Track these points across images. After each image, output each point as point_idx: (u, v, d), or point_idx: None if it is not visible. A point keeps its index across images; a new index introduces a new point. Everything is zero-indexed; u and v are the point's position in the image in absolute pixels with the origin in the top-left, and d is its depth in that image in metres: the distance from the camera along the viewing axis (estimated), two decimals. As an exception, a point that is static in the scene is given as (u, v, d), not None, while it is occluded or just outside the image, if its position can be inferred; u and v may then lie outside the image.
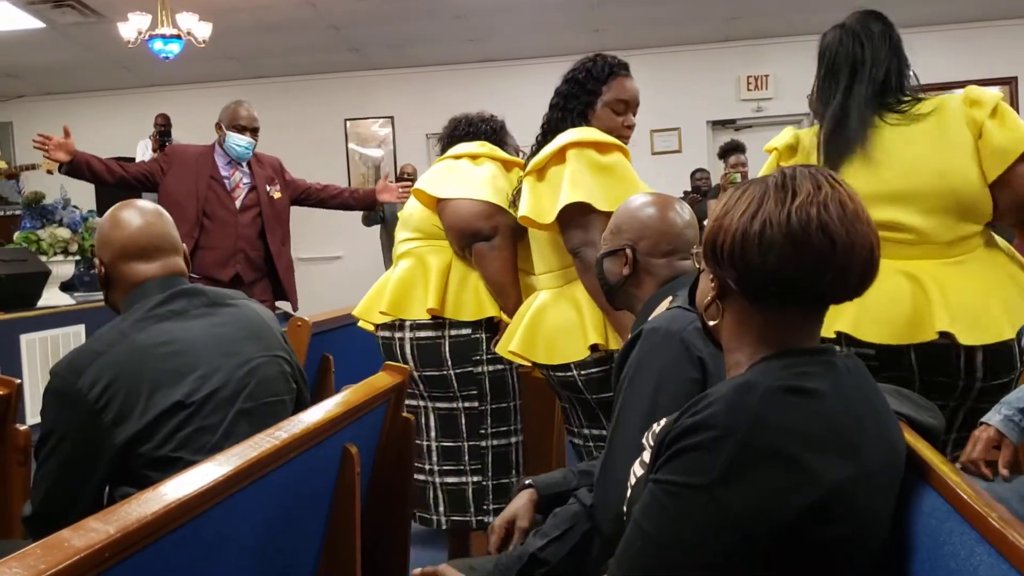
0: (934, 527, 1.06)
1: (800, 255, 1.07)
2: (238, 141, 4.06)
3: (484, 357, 2.63)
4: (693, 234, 1.85)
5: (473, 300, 2.64)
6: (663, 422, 1.26)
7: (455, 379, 2.66)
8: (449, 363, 2.63)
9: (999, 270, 1.94)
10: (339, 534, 1.69)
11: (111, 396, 1.60)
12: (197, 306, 1.78)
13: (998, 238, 2.04)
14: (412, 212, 2.81)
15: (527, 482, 1.68)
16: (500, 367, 2.64)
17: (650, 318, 1.69)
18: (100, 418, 1.60)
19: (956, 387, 1.88)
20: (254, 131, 4.11)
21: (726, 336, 1.19)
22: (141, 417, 1.60)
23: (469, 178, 2.65)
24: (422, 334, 2.67)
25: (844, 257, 1.08)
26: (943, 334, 1.83)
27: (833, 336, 1.90)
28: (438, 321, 2.66)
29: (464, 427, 2.70)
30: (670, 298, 1.73)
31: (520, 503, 1.79)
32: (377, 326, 2.78)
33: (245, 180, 4.13)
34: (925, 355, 1.87)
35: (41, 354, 4.64)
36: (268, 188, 4.16)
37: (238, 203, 4.09)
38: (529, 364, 2.42)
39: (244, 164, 4.12)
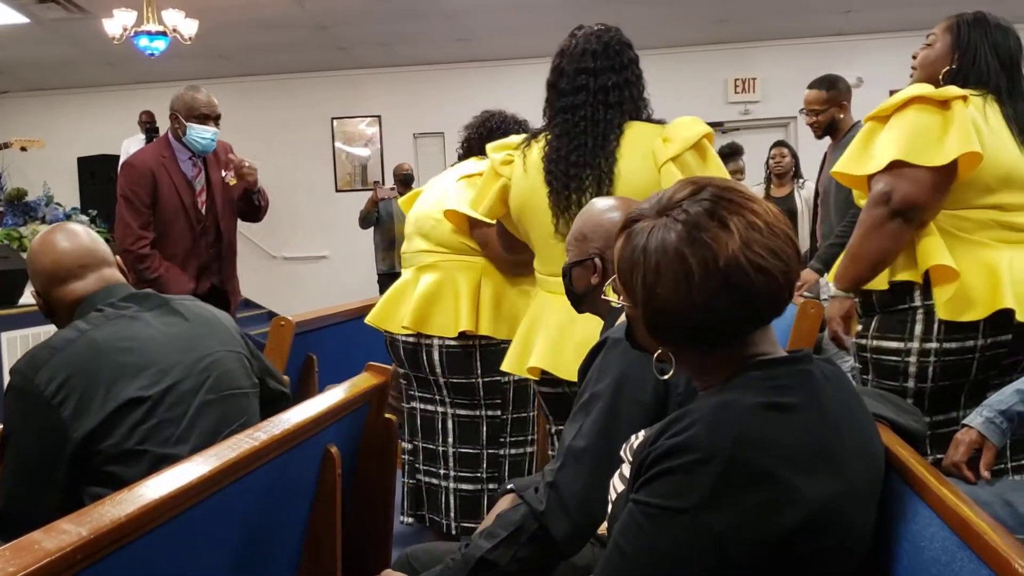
0: (916, 532, 1.05)
1: (750, 301, 1.06)
2: (202, 133, 3.51)
3: None
4: None
5: (507, 322, 2.60)
6: (641, 435, 1.25)
7: (482, 387, 2.66)
8: (479, 371, 2.62)
9: None
10: (320, 536, 1.68)
11: (69, 391, 1.61)
12: (149, 308, 1.79)
13: None
14: (434, 224, 2.74)
15: (509, 487, 1.67)
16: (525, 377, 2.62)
17: (616, 324, 1.68)
18: (58, 412, 1.60)
19: None
20: (217, 119, 3.56)
21: (689, 372, 1.18)
22: (100, 411, 1.61)
23: None
24: (452, 342, 2.65)
25: (784, 278, 1.08)
26: None
27: (980, 317, 2.02)
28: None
29: (484, 435, 2.71)
30: None
31: (503, 508, 1.78)
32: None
33: (203, 176, 3.62)
34: None
35: (22, 352, 4.59)
36: (224, 175, 3.66)
37: (204, 208, 3.61)
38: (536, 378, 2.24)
39: (200, 156, 3.61)
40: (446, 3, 7.15)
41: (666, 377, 1.18)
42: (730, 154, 6.66)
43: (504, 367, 2.34)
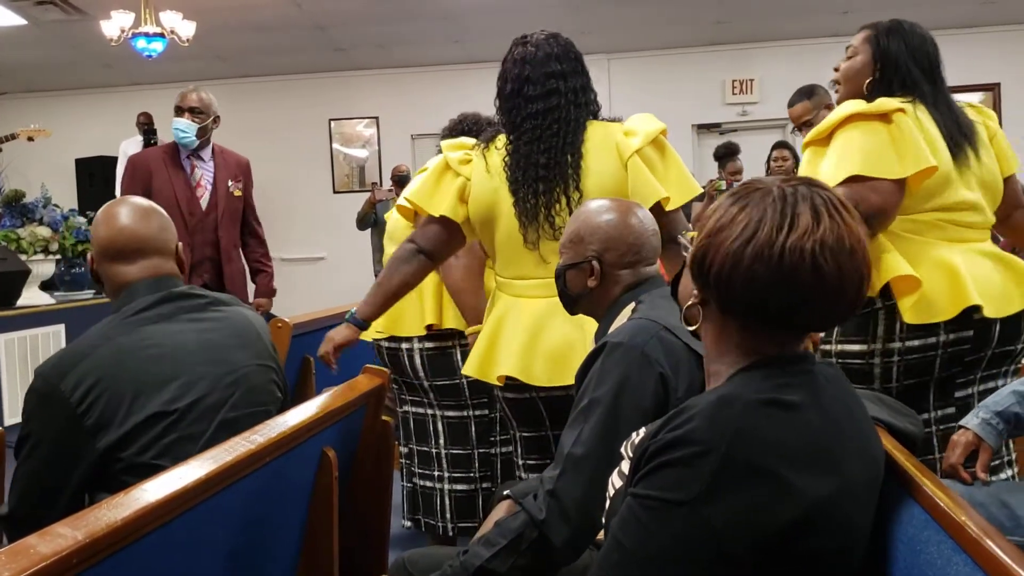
0: (912, 536, 1.05)
1: (785, 291, 1.06)
2: (176, 124, 3.71)
3: None
4: (657, 241, 1.80)
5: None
6: (642, 432, 1.24)
7: (467, 387, 2.65)
8: (462, 371, 2.60)
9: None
10: (317, 539, 1.68)
11: (94, 399, 1.58)
12: (187, 310, 1.75)
13: None
14: (396, 225, 2.77)
15: (505, 492, 1.66)
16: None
17: (612, 329, 1.67)
18: (81, 421, 1.58)
19: (1015, 352, 2.16)
20: (192, 111, 3.71)
21: (707, 343, 1.18)
22: (123, 423, 1.59)
23: None
24: (431, 344, 2.66)
25: (831, 296, 1.07)
26: None
27: (950, 317, 2.03)
28: (449, 330, 2.64)
29: (474, 434, 2.70)
30: (632, 304, 1.71)
31: (499, 515, 1.78)
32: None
33: (207, 177, 3.81)
34: (1007, 325, 2.08)
35: (20, 354, 4.59)
36: (229, 184, 3.84)
37: (203, 203, 3.78)
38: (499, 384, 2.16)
39: (207, 159, 3.80)
40: (443, 5, 7.15)
41: (691, 329, 1.19)
42: (727, 154, 6.60)
43: (466, 371, 2.25)
